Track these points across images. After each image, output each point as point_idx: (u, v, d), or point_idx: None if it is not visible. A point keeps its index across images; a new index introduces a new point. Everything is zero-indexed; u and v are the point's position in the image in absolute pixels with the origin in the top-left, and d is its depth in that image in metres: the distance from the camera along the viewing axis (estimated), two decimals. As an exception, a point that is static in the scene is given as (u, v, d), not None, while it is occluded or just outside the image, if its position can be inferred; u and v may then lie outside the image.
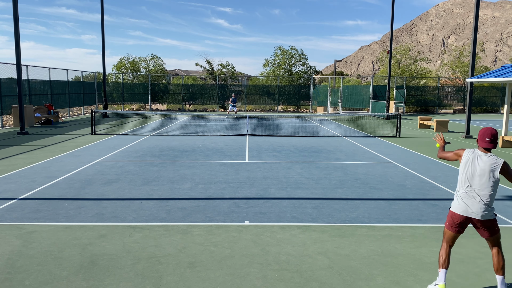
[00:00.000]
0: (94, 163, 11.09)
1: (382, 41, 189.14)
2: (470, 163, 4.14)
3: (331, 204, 7.52)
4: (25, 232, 6.00)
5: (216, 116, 29.29)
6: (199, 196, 7.96)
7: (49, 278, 4.59)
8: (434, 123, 20.63)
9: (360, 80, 54.79)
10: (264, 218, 6.71)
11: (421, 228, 6.37)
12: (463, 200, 4.15)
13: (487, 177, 4.06)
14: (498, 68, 17.80)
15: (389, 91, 28.94)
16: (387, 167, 11.08)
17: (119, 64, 39.61)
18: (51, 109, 23.38)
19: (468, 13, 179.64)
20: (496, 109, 38.42)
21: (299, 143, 15.33)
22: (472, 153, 4.18)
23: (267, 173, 10.00)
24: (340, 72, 49.37)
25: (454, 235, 4.31)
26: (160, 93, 37.95)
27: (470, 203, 4.11)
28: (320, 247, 5.56)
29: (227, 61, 47.38)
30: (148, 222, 6.46)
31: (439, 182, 9.35)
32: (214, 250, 5.41)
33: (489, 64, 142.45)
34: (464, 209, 4.15)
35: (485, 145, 4.12)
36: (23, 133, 17.36)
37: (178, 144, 14.93)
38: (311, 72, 40.82)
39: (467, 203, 4.12)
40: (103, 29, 26.50)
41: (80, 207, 7.21)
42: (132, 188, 8.51)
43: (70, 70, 28.95)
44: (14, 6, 16.75)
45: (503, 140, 15.21)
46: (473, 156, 4.15)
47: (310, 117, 29.63)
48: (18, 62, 17.48)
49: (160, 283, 4.51)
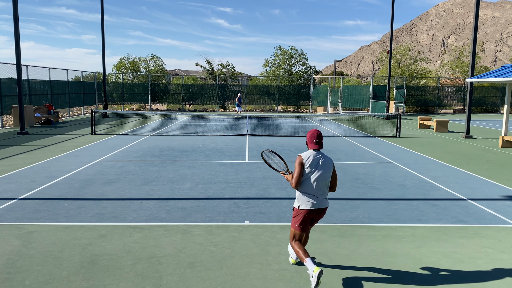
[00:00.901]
0: (94, 163, 11.09)
1: (382, 41, 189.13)
2: (312, 164, 4.55)
3: (331, 204, 7.52)
4: (25, 232, 6.00)
5: (216, 116, 29.29)
6: (199, 196, 7.96)
7: (49, 278, 4.59)
8: (434, 123, 20.62)
9: (360, 80, 54.81)
10: (264, 218, 6.71)
11: (421, 228, 6.37)
12: (312, 197, 4.54)
13: (326, 173, 4.58)
14: (498, 68, 17.81)
15: (389, 91, 28.95)
16: (387, 167, 11.08)
17: (119, 64, 39.62)
18: (51, 109, 23.38)
19: (468, 13, 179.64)
20: (496, 109, 38.42)
21: (299, 143, 15.33)
22: (309, 156, 4.58)
23: (267, 173, 10.00)
24: (340, 72, 49.37)
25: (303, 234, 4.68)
26: (160, 93, 37.95)
27: (318, 199, 4.55)
28: (320, 247, 5.56)
29: (227, 61, 47.44)
30: (148, 222, 6.46)
31: (439, 182, 9.35)
32: (214, 250, 5.41)
33: (489, 64, 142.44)
34: (314, 205, 4.55)
35: (314, 146, 4.60)
36: (23, 133, 17.36)
37: (178, 144, 14.93)
38: (311, 72, 40.82)
39: (316, 199, 4.55)
40: (103, 29, 26.50)
41: (80, 207, 7.21)
42: (132, 188, 8.51)
43: (70, 70, 28.96)
44: (14, 6, 16.75)
45: (503, 140, 15.21)
46: (311, 158, 4.56)
47: (310, 117, 29.63)
48: (18, 62, 17.48)
49: (160, 283, 4.51)
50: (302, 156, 4.58)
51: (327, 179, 4.60)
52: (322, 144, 4.65)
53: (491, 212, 7.16)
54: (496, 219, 6.80)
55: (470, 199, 8.01)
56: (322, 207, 4.59)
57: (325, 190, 4.61)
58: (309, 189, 4.54)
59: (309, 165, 4.54)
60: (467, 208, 7.42)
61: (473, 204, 7.68)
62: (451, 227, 6.40)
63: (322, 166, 4.57)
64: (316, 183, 4.55)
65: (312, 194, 4.55)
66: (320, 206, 4.57)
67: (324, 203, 4.61)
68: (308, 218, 4.61)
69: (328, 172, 4.60)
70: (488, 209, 7.33)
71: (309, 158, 4.56)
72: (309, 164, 4.54)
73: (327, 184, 4.63)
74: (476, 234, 6.12)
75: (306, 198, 4.56)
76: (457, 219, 6.80)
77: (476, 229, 6.32)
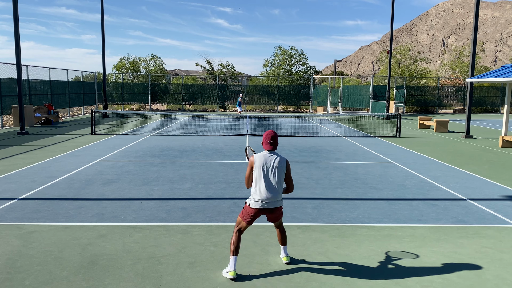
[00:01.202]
0: (94, 163, 11.09)
1: (382, 41, 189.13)
2: (264, 164, 4.63)
3: (331, 204, 7.52)
4: (25, 232, 6.00)
5: (216, 116, 29.29)
6: (199, 196, 7.96)
7: (49, 278, 4.59)
8: (434, 123, 20.63)
9: (360, 80, 54.81)
10: (264, 218, 6.69)
11: (421, 228, 6.37)
12: (261, 196, 4.60)
13: (279, 174, 4.64)
14: (498, 68, 17.81)
15: (389, 91, 28.95)
16: (387, 167, 11.08)
17: (119, 64, 39.62)
18: (51, 109, 23.38)
19: (468, 13, 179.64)
20: (496, 109, 38.42)
21: (299, 143, 15.33)
22: (262, 156, 4.67)
23: (267, 173, 9.99)
24: (340, 72, 49.37)
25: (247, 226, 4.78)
26: (160, 93, 37.95)
27: (268, 199, 4.62)
28: (320, 247, 5.56)
29: (227, 61, 47.44)
30: (148, 222, 6.46)
31: (439, 182, 9.35)
32: (214, 250, 5.41)
33: (489, 64, 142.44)
34: (264, 205, 4.63)
35: (268, 147, 4.70)
36: (23, 133, 17.36)
37: (178, 144, 14.93)
38: (311, 72, 40.82)
39: (267, 200, 4.61)
40: (103, 29, 26.50)
41: (80, 207, 7.21)
42: (132, 188, 8.51)
43: (70, 70, 28.96)
44: (14, 6, 16.75)
45: (503, 140, 15.21)
46: (264, 158, 4.65)
47: (310, 117, 29.63)
48: (18, 62, 17.48)
49: (160, 283, 4.51)
50: (254, 158, 4.69)
51: (279, 179, 4.65)
52: (276, 145, 4.74)
53: (491, 212, 7.16)
54: (496, 219, 6.80)
55: (470, 199, 8.01)
56: (272, 207, 4.65)
57: (278, 191, 4.66)
58: (260, 189, 4.61)
59: (261, 165, 4.62)
60: (467, 208, 7.42)
61: (473, 204, 7.68)
62: (451, 227, 6.40)
63: (275, 166, 4.63)
64: (268, 184, 4.61)
65: (263, 194, 4.61)
66: (270, 206, 4.64)
67: (274, 204, 4.65)
68: (257, 216, 4.71)
69: (281, 172, 4.66)
70: (488, 209, 7.33)
71: (261, 159, 4.66)
72: (261, 165, 4.63)
73: (280, 184, 4.67)
74: (476, 234, 6.12)
75: (256, 197, 4.63)
76: (457, 219, 6.80)
77: (476, 229, 6.32)
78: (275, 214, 4.75)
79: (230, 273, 4.57)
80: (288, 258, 5.00)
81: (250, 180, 4.78)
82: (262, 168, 4.63)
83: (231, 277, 4.56)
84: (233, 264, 4.60)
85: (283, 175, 4.69)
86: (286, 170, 4.73)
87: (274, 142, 4.72)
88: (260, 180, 4.62)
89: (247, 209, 4.70)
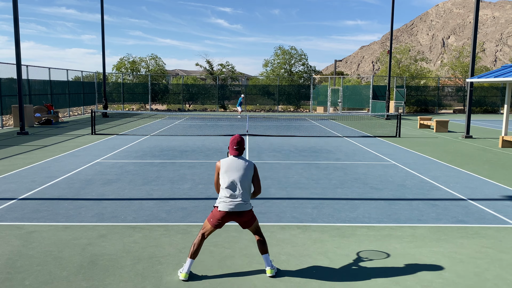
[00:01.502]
0: (94, 163, 11.09)
1: (382, 41, 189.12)
2: (230, 168, 4.66)
3: (331, 204, 7.52)
4: (25, 232, 6.00)
5: (216, 116, 29.29)
6: (199, 196, 7.96)
7: (49, 278, 4.59)
8: (434, 123, 20.63)
9: (360, 80, 54.80)
10: (264, 218, 6.71)
11: (421, 228, 6.37)
12: (228, 199, 4.60)
13: (245, 178, 4.65)
14: (498, 68, 17.80)
15: (389, 91, 28.94)
16: (387, 167, 11.08)
17: (119, 64, 39.62)
18: (51, 109, 23.38)
19: (468, 13, 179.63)
20: (496, 109, 38.43)
21: (299, 143, 15.33)
22: (228, 161, 4.71)
23: (267, 173, 10.00)
24: (340, 72, 49.37)
25: (213, 229, 4.72)
26: (160, 93, 37.95)
27: (235, 203, 4.59)
28: (320, 247, 5.56)
29: (227, 61, 47.40)
30: (148, 222, 6.46)
31: (439, 182, 9.35)
32: (214, 250, 5.41)
33: (489, 64, 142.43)
34: (231, 208, 4.59)
35: (234, 152, 4.74)
36: (23, 133, 17.36)
37: (178, 144, 14.93)
38: (311, 72, 40.83)
39: (233, 203, 4.59)
40: (103, 29, 26.50)
41: (80, 207, 7.21)
42: (132, 188, 8.51)
43: (70, 70, 28.96)
44: (14, 6, 16.74)
45: (503, 140, 15.21)
46: (229, 163, 4.69)
47: (310, 117, 29.63)
48: (18, 62, 17.48)
49: (160, 283, 4.51)
50: (220, 163, 4.73)
51: (246, 183, 4.65)
52: (242, 150, 4.76)
53: (491, 212, 7.16)
54: (496, 219, 6.80)
55: (470, 199, 8.01)
56: (239, 210, 4.61)
57: (245, 194, 4.64)
58: (228, 193, 4.61)
59: (227, 170, 4.65)
60: (467, 208, 7.42)
61: (473, 204, 7.68)
62: (451, 227, 6.40)
63: (241, 171, 4.64)
64: (234, 188, 4.61)
65: (229, 198, 4.60)
66: (237, 210, 4.61)
67: (241, 207, 4.62)
68: (225, 220, 4.66)
69: (247, 176, 4.66)
70: (488, 209, 7.33)
71: (227, 164, 4.68)
72: (227, 170, 4.65)
73: (246, 188, 4.66)
74: (476, 234, 6.12)
75: (223, 200, 4.63)
76: (457, 219, 6.80)
77: (476, 229, 6.32)
78: (244, 218, 4.68)
79: (182, 275, 4.59)
80: (273, 270, 4.72)
81: (218, 185, 4.80)
82: (228, 172, 4.64)
83: (182, 278, 4.58)
84: (188, 267, 4.62)
85: (250, 179, 4.69)
86: (254, 174, 4.73)
87: (241, 147, 4.75)
88: (226, 184, 4.62)
89: (215, 213, 4.66)
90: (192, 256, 4.66)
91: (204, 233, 4.72)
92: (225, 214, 4.62)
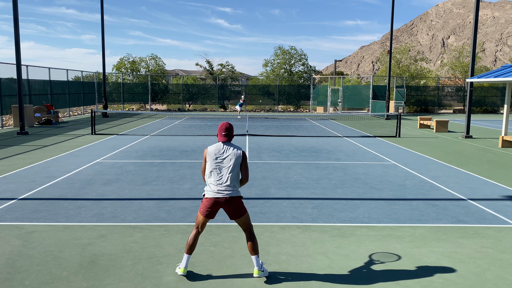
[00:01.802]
0: (94, 163, 11.09)
1: (382, 41, 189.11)
2: (218, 155, 4.65)
3: (331, 204, 7.52)
4: (25, 232, 6.00)
5: (216, 116, 29.29)
6: (199, 196, 7.95)
7: (49, 278, 4.59)
8: (434, 123, 20.62)
9: (360, 80, 54.79)
10: (264, 218, 6.71)
11: (421, 228, 6.37)
12: (215, 186, 4.60)
13: (233, 164, 4.61)
14: (498, 68, 17.80)
15: (389, 91, 28.94)
16: (387, 167, 11.08)
17: (119, 64, 39.61)
18: (51, 109, 23.37)
19: (468, 13, 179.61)
20: (496, 109, 38.42)
21: (299, 143, 15.33)
22: (216, 147, 4.70)
23: (267, 173, 10.00)
24: (340, 72, 49.37)
25: (205, 220, 4.70)
26: (160, 93, 37.94)
27: (222, 189, 4.58)
28: (320, 247, 5.56)
29: (227, 61, 47.41)
30: (148, 222, 6.46)
31: (439, 182, 9.35)
32: (214, 250, 5.41)
33: (489, 64, 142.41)
34: (217, 195, 4.57)
35: (223, 138, 4.73)
36: (23, 133, 17.36)
37: (178, 144, 14.93)
38: (311, 72, 40.82)
39: (220, 190, 4.58)
40: (103, 29, 26.50)
41: (80, 207, 7.21)
42: (132, 188, 8.51)
43: (70, 70, 28.96)
44: (14, 6, 16.74)
45: (503, 140, 15.21)
46: (217, 150, 4.67)
47: (310, 117, 29.63)
48: (18, 62, 17.47)
49: (160, 283, 4.51)
50: (208, 149, 4.71)
51: (233, 170, 4.61)
52: (231, 136, 4.77)
53: (491, 212, 7.16)
54: (496, 219, 6.80)
55: (470, 199, 8.01)
56: (226, 196, 4.55)
57: (232, 181, 4.60)
58: (214, 180, 4.61)
59: (214, 157, 4.64)
60: (467, 208, 7.42)
61: (473, 204, 7.68)
62: (451, 227, 6.40)
63: (228, 157, 4.63)
64: (221, 174, 4.60)
65: (216, 184, 4.60)
66: (224, 196, 4.56)
67: (229, 193, 4.56)
68: (214, 209, 4.63)
69: (235, 163, 4.62)
70: (488, 209, 7.33)
71: (215, 150, 4.67)
72: (215, 156, 4.64)
73: (234, 174, 4.61)
74: (476, 234, 6.12)
75: (210, 188, 4.63)
76: (457, 219, 6.80)
77: (476, 229, 6.32)
78: (233, 206, 4.59)
79: (181, 270, 4.64)
80: (261, 271, 4.59)
81: (204, 172, 4.78)
82: (215, 159, 4.63)
83: (181, 273, 4.64)
84: (185, 262, 4.66)
85: (238, 166, 4.64)
86: (242, 161, 4.67)
87: (229, 133, 4.73)
88: (214, 170, 4.61)
89: (203, 201, 4.66)
90: (188, 252, 4.68)
91: (198, 226, 4.71)
92: (212, 202, 4.58)
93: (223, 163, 4.62)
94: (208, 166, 4.67)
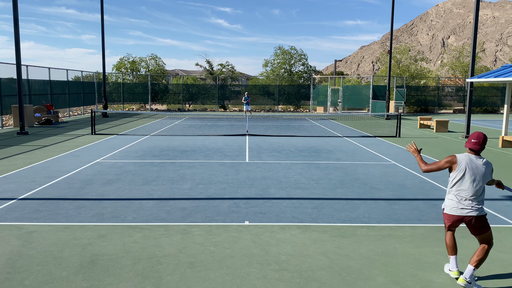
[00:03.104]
0: (94, 163, 11.09)
1: (382, 41, 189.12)
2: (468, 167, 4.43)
3: (331, 204, 7.52)
4: (25, 232, 6.00)
5: (216, 116, 29.29)
6: (199, 196, 7.96)
7: (49, 278, 4.59)
8: (434, 123, 20.62)
9: (360, 80, 54.78)
10: (264, 218, 6.71)
11: (421, 228, 6.37)
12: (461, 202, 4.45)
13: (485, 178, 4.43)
14: (498, 68, 17.80)
15: (389, 91, 28.94)
16: (387, 167, 11.08)
17: (119, 64, 39.60)
18: (51, 109, 23.37)
19: (468, 13, 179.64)
20: (496, 109, 38.42)
21: (299, 143, 15.33)
22: (467, 157, 4.49)
23: (267, 173, 10.00)
24: (340, 72, 49.37)
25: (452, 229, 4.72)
26: (160, 93, 37.94)
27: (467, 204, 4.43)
28: (320, 247, 5.56)
29: (227, 61, 47.42)
30: (148, 222, 6.46)
31: (439, 182, 9.35)
32: (214, 250, 5.41)
33: (489, 64, 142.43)
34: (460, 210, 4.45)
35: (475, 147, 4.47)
36: (23, 133, 17.36)
37: (178, 144, 14.93)
38: (311, 72, 40.81)
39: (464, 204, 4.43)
40: (103, 29, 26.49)
41: (80, 207, 7.21)
42: (132, 188, 8.51)
43: (70, 70, 28.95)
44: (14, 6, 16.74)
45: (503, 140, 15.21)
46: (469, 160, 4.47)
47: (310, 117, 29.63)
48: (18, 62, 17.48)
49: (160, 283, 4.50)
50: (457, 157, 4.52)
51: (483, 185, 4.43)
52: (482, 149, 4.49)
53: (491, 212, 7.15)
54: (496, 219, 6.80)
55: (470, 199, 8.00)
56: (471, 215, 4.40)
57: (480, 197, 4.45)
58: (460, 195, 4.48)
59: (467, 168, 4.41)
60: (467, 208, 7.41)
61: (473, 204, 7.67)
62: (451, 227, 6.39)
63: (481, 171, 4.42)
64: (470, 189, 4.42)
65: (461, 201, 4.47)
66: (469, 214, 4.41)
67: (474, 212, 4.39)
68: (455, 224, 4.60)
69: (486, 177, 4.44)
70: (488, 209, 7.33)
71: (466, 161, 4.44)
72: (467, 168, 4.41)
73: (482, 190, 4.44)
74: (476, 234, 6.11)
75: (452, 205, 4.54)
76: (457, 219, 6.79)
77: (476, 229, 6.31)
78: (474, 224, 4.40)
79: (453, 272, 4.64)
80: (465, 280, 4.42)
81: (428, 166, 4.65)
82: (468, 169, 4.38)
83: (454, 276, 4.63)
84: (454, 264, 4.64)
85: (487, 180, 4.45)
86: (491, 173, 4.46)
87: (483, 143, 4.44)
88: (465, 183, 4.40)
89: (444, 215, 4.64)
90: (452, 253, 4.69)
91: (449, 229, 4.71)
92: (455, 218, 4.49)
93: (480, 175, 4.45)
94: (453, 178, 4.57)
